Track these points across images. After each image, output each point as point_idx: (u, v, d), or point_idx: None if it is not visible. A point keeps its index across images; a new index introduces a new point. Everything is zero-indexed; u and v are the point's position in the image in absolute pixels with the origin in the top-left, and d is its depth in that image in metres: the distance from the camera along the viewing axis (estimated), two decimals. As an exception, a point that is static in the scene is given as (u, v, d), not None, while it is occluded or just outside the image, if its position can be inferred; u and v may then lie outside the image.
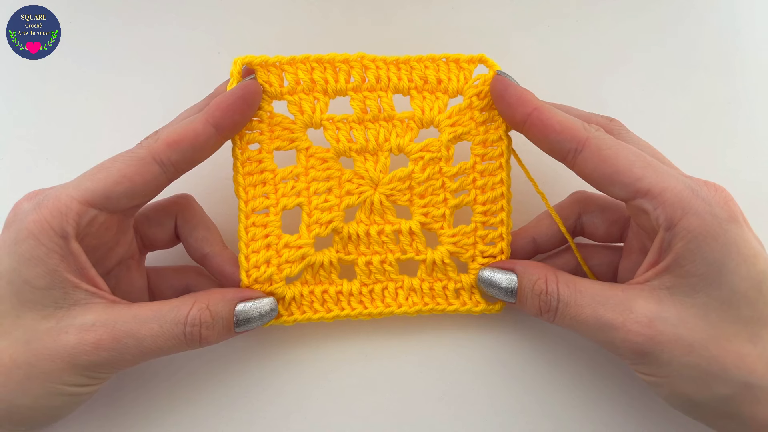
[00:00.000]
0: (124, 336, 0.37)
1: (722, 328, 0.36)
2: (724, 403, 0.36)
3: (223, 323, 0.40)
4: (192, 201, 0.45)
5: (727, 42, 0.55)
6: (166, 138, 0.38)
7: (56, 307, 0.37)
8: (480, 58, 0.43)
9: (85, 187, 0.37)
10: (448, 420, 0.46)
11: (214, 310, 0.39)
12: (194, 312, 0.39)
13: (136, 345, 0.37)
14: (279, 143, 0.43)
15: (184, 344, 0.39)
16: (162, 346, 0.38)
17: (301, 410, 0.46)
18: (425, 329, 0.47)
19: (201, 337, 0.39)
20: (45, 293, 0.36)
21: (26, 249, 0.36)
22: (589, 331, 0.39)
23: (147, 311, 0.38)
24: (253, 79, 0.41)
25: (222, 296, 0.40)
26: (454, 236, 0.45)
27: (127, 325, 0.37)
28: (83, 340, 0.36)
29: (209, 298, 0.40)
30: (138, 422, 0.45)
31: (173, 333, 0.38)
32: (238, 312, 0.40)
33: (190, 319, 0.38)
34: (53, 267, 0.36)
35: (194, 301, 0.39)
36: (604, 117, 0.43)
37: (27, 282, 0.36)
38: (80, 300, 0.37)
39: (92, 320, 0.37)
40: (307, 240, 0.44)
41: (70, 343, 0.36)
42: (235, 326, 0.40)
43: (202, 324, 0.39)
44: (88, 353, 0.36)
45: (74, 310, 0.37)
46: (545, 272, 0.41)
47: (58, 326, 0.36)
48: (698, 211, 0.36)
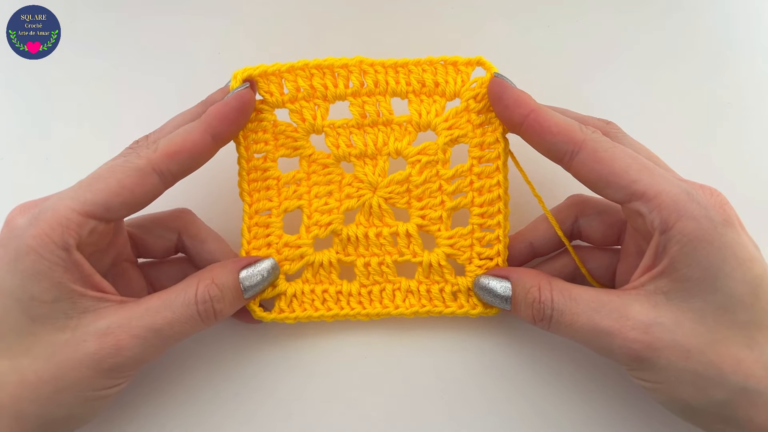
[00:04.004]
0: (142, 331, 0.37)
1: (719, 333, 0.36)
2: (722, 408, 0.36)
3: (232, 292, 0.40)
4: (194, 216, 0.45)
5: (726, 42, 0.55)
6: (165, 149, 0.38)
7: (67, 318, 0.37)
8: (478, 60, 0.43)
9: (85, 198, 0.37)
10: (445, 421, 0.46)
11: (220, 282, 0.40)
12: (201, 289, 0.39)
13: (156, 336, 0.38)
14: (284, 151, 0.44)
15: (201, 323, 0.39)
16: (180, 330, 0.38)
17: (299, 410, 0.46)
18: (422, 331, 0.47)
19: (215, 311, 0.40)
20: (53, 306, 0.36)
21: (28, 265, 0.36)
22: (585, 339, 0.39)
23: (156, 301, 0.38)
24: (247, 87, 0.41)
25: (223, 268, 0.41)
26: (451, 238, 0.45)
27: (142, 320, 0.37)
28: (103, 344, 0.36)
29: (212, 273, 0.40)
30: (137, 423, 0.45)
31: (187, 315, 0.38)
32: (243, 278, 0.41)
33: (200, 296, 0.39)
34: (58, 280, 0.36)
35: (198, 279, 0.40)
36: (601, 120, 0.43)
37: (33, 298, 0.36)
38: (89, 307, 0.37)
39: (106, 324, 0.37)
40: (306, 240, 0.44)
41: (91, 351, 0.36)
42: (243, 293, 0.41)
43: (212, 299, 0.39)
44: (111, 356, 0.36)
45: (86, 317, 0.37)
46: (539, 280, 0.40)
47: (75, 336, 0.36)
48: (694, 215, 0.36)
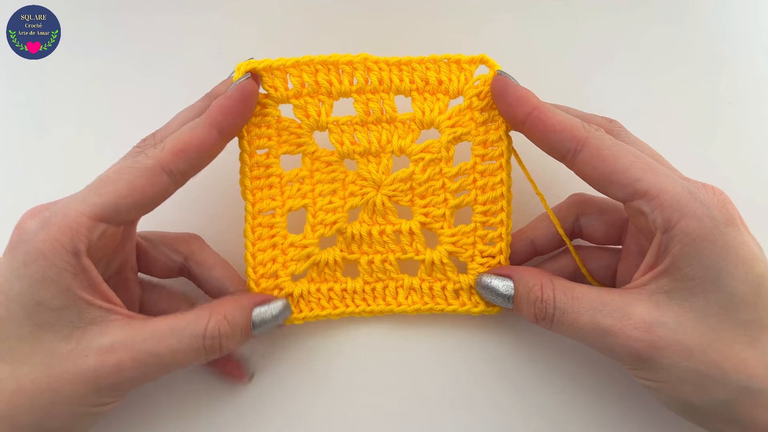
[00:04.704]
0: (145, 355, 0.36)
1: (721, 332, 0.36)
2: (724, 407, 0.36)
3: (242, 330, 0.40)
4: (202, 242, 0.45)
5: (727, 41, 0.55)
6: (172, 147, 0.38)
7: (73, 327, 0.36)
8: (481, 58, 0.43)
9: (94, 201, 0.37)
10: (446, 419, 0.46)
11: (232, 319, 0.39)
12: (212, 324, 0.38)
13: (157, 362, 0.37)
14: (287, 147, 0.44)
15: (204, 356, 0.38)
16: (182, 360, 0.38)
17: (301, 409, 0.46)
18: (424, 329, 0.48)
19: (221, 347, 0.39)
20: (60, 314, 0.36)
21: (37, 270, 0.35)
22: (587, 338, 0.39)
23: (164, 326, 0.37)
24: (249, 78, 0.41)
25: (238, 304, 0.40)
26: (454, 236, 0.45)
27: (146, 344, 0.36)
28: (104, 362, 0.36)
29: (225, 308, 0.39)
30: (136, 425, 0.46)
31: (192, 347, 0.37)
32: (254, 316, 0.40)
33: (209, 332, 0.38)
34: (66, 286, 0.35)
35: (210, 312, 0.39)
36: (603, 118, 0.43)
37: (40, 304, 0.35)
38: (96, 318, 0.36)
39: (111, 341, 0.36)
40: (312, 240, 0.44)
41: (91, 367, 0.35)
42: (252, 329, 0.40)
43: (221, 336, 0.38)
44: (111, 375, 0.36)
45: (91, 329, 0.36)
46: (541, 279, 0.40)
47: (77, 349, 0.36)
48: (696, 214, 0.36)
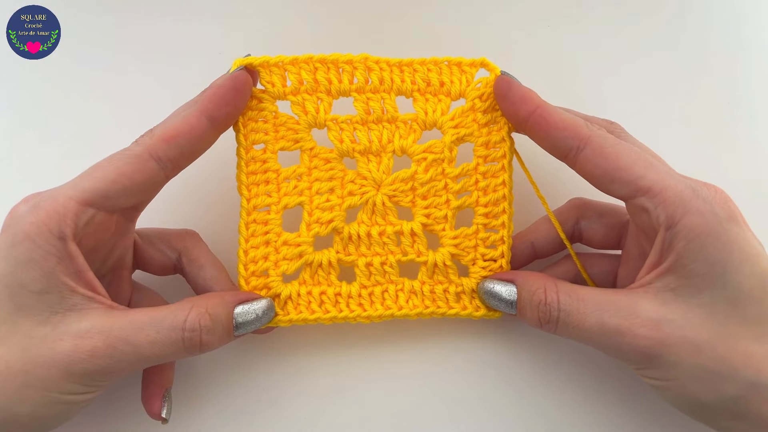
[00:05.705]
0: (120, 343, 0.36)
1: (729, 328, 0.36)
2: (733, 404, 0.36)
3: (223, 327, 0.39)
4: (198, 239, 0.45)
5: (727, 43, 0.55)
6: (161, 134, 0.38)
7: (52, 312, 0.36)
8: (481, 61, 0.43)
9: (83, 186, 0.37)
10: (447, 423, 0.45)
11: (214, 313, 0.38)
12: (193, 317, 0.38)
13: (133, 352, 0.36)
14: (284, 143, 0.43)
15: (183, 350, 0.38)
16: (159, 353, 0.37)
17: (299, 414, 0.46)
18: (425, 333, 0.47)
19: (201, 342, 0.38)
20: (41, 297, 0.35)
21: (22, 252, 0.35)
22: (593, 339, 0.38)
23: (143, 317, 0.37)
24: (242, 69, 0.41)
25: (220, 299, 0.40)
26: (456, 238, 0.44)
27: (122, 332, 0.36)
28: (79, 347, 0.35)
29: (207, 302, 0.39)
30: (135, 428, 0.45)
31: (171, 339, 0.37)
32: (237, 314, 0.40)
33: (189, 324, 0.37)
34: (50, 270, 0.35)
35: (192, 305, 0.38)
36: (605, 120, 0.44)
37: (23, 286, 0.35)
38: (76, 305, 0.36)
39: (88, 327, 0.36)
40: (306, 238, 0.44)
41: (65, 351, 0.35)
42: (234, 329, 0.40)
43: (202, 329, 0.38)
44: (83, 361, 0.35)
45: (70, 315, 0.36)
46: (544, 282, 0.40)
47: (53, 333, 0.35)
48: (699, 210, 0.36)
